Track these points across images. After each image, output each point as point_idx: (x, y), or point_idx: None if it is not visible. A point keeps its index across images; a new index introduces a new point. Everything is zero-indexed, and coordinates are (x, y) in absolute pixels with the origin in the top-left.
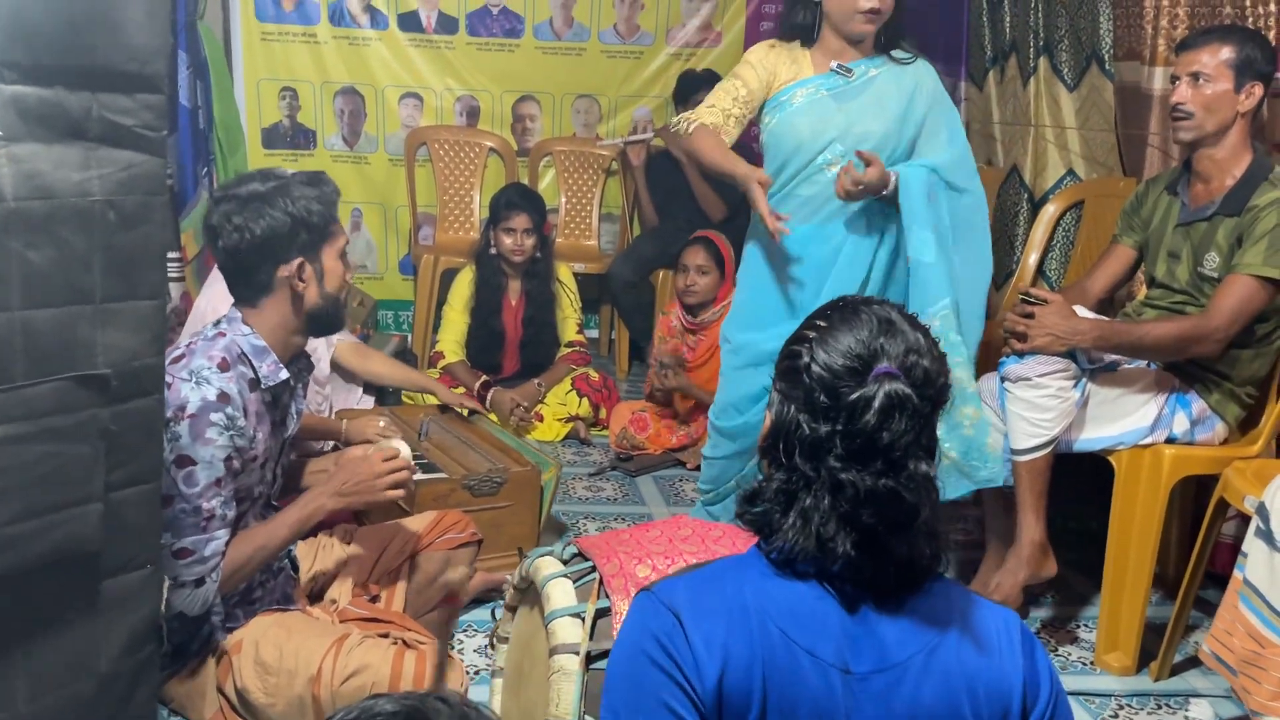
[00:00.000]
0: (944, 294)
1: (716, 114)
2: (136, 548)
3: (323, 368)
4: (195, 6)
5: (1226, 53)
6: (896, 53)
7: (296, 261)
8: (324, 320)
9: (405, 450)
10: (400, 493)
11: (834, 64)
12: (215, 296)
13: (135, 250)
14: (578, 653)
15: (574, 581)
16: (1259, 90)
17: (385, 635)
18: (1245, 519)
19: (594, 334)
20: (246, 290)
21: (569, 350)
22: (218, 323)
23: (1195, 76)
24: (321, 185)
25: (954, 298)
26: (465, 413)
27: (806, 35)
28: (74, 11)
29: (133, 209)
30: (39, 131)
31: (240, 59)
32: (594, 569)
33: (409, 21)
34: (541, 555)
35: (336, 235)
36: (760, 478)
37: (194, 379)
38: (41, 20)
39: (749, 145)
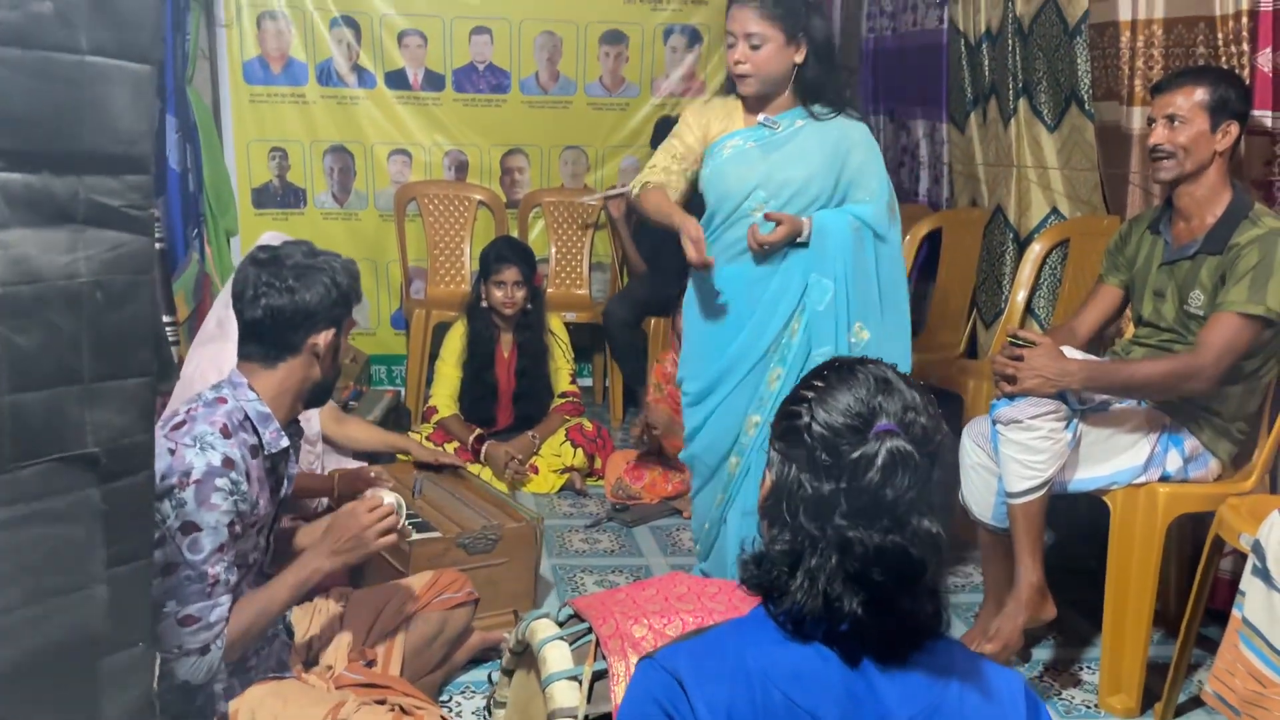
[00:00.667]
0: (826, 343)
1: (659, 173)
2: (129, 626)
3: (313, 426)
4: (184, 71)
5: (1200, 94)
6: (816, 108)
7: (330, 332)
8: (324, 391)
9: (390, 498)
10: (392, 538)
11: (762, 117)
12: (204, 359)
13: (123, 329)
14: (575, 717)
15: (570, 643)
16: (1235, 129)
17: (383, 701)
18: (1243, 555)
19: (587, 383)
20: (271, 350)
21: (562, 401)
22: (217, 387)
23: (1171, 118)
24: (352, 266)
25: (836, 348)
26: (442, 468)
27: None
28: (59, 98)
29: (121, 288)
30: (26, 216)
31: (230, 121)
32: (590, 630)
33: (396, 79)
34: (537, 617)
35: (353, 317)
36: (758, 539)
37: (198, 445)
38: (27, 107)
39: None
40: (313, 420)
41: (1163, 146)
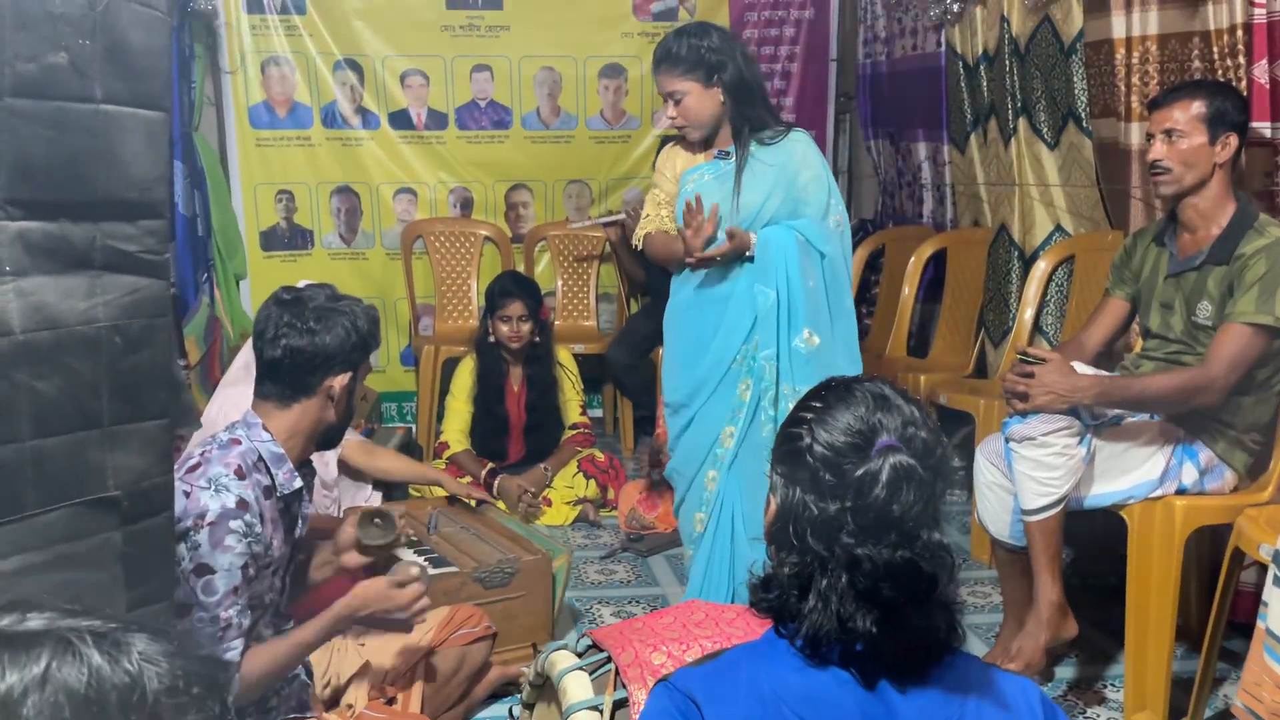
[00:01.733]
0: (769, 345)
1: (653, 222)
2: None
3: (330, 470)
4: (190, 118)
5: (1198, 107)
6: (760, 134)
7: (346, 375)
8: (334, 436)
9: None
10: (424, 618)
11: (717, 151)
12: (227, 401)
13: (141, 372)
14: None
15: (590, 674)
16: (1234, 140)
17: None
18: (1263, 566)
19: (597, 414)
20: (287, 390)
21: (573, 432)
22: (231, 428)
23: (1169, 133)
24: (372, 312)
25: (778, 351)
26: (473, 503)
27: None
28: (75, 147)
29: (138, 332)
30: (45, 264)
31: (236, 165)
32: (609, 660)
33: (400, 120)
34: (556, 649)
35: (369, 363)
36: (768, 563)
37: (213, 487)
38: (44, 157)
39: None
40: (330, 465)
41: (1161, 162)
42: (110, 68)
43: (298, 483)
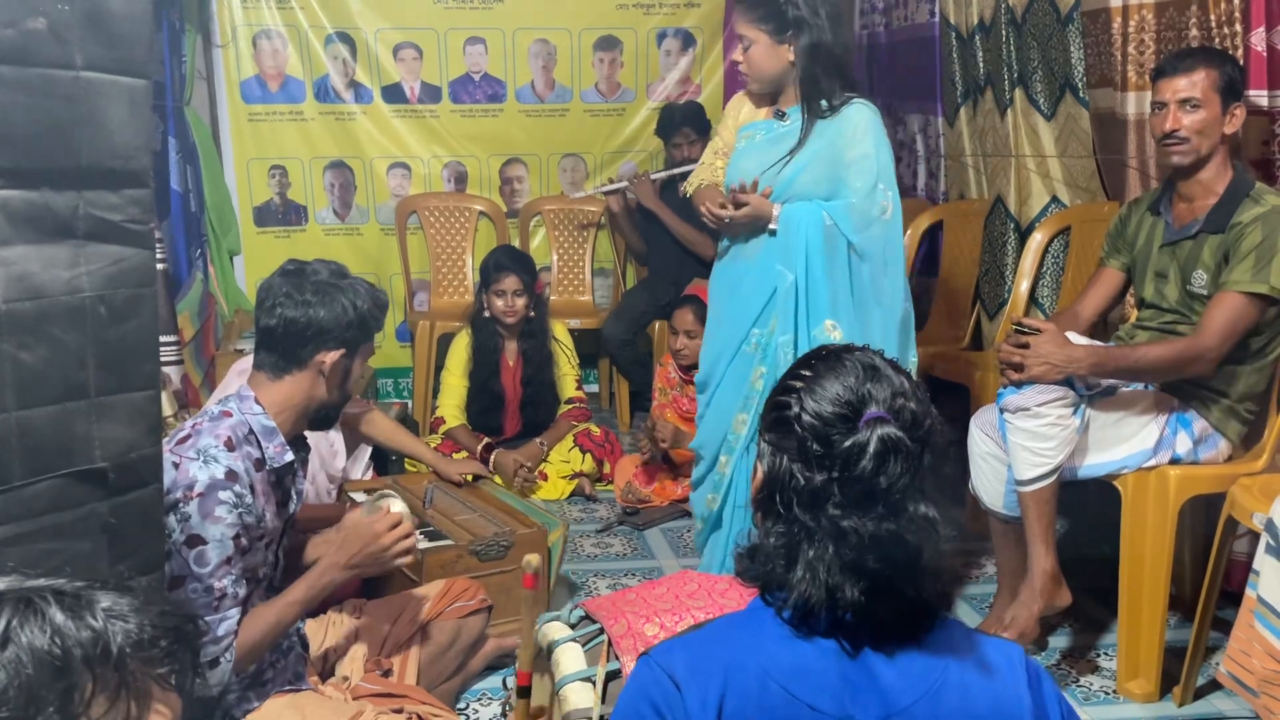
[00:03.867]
0: (787, 330)
1: (705, 170)
2: None
3: (338, 461)
4: (182, 93)
5: (1213, 76)
6: (819, 103)
7: (340, 353)
8: (328, 415)
9: (399, 506)
10: (411, 559)
11: (775, 110)
12: (234, 375)
13: (127, 343)
14: (590, 718)
15: (583, 645)
16: (1240, 111)
17: (400, 710)
18: (1256, 536)
19: (593, 388)
20: (279, 360)
21: (569, 407)
22: (224, 401)
23: (1185, 102)
24: (380, 297)
25: (796, 338)
26: (469, 479)
27: None
28: (57, 114)
29: (123, 302)
30: (27, 233)
31: (229, 140)
32: (602, 631)
33: (393, 94)
34: (548, 620)
35: (371, 344)
36: (754, 531)
37: (201, 458)
38: (25, 124)
39: None
40: (339, 454)
41: (1179, 131)
42: (91, 34)
43: (289, 456)
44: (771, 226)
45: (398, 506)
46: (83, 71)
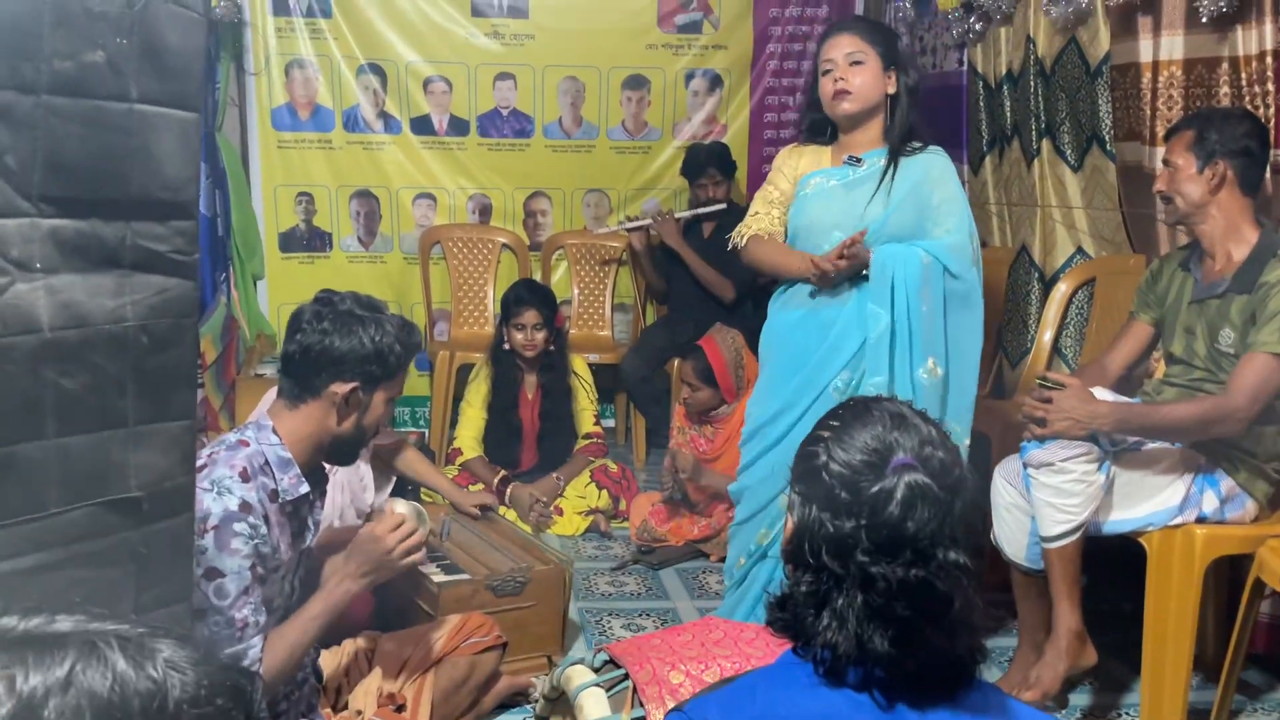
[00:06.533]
0: (879, 372)
1: (760, 220)
2: None
3: (366, 496)
4: (214, 119)
5: (1187, 138)
6: (902, 145)
7: (352, 385)
8: (345, 450)
9: (403, 507)
10: (419, 556)
11: (847, 156)
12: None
13: (167, 372)
14: None
15: (607, 690)
16: (1222, 167)
17: None
18: None
19: (610, 424)
20: (295, 387)
21: (586, 442)
22: (242, 429)
23: (1167, 164)
24: (410, 335)
25: (893, 380)
26: (478, 511)
27: (823, 135)
28: (109, 145)
29: (164, 332)
30: (75, 262)
31: (258, 167)
32: (626, 677)
33: (421, 125)
34: (572, 664)
35: (398, 383)
36: (785, 581)
37: (215, 489)
38: (79, 155)
39: None
40: (369, 489)
41: (1162, 191)
42: (146, 67)
43: (304, 489)
44: (865, 271)
45: (401, 507)
46: (137, 104)
